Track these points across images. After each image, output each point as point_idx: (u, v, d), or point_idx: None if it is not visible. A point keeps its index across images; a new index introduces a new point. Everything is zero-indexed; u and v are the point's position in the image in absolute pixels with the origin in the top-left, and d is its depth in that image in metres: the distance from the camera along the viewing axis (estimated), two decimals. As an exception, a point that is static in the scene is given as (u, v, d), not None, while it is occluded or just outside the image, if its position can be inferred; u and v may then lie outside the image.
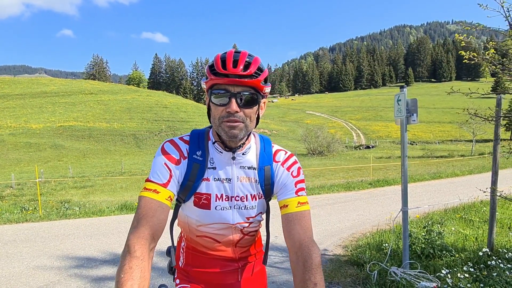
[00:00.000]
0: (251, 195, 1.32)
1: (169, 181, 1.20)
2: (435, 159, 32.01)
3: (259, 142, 1.37)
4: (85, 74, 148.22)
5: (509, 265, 3.59)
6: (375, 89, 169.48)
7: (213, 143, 1.29)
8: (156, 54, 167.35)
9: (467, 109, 4.35)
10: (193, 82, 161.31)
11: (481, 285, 3.26)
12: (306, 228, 1.22)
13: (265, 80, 1.22)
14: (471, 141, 41.16)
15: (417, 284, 3.63)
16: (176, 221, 1.42)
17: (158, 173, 1.21)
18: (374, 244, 5.21)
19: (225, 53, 1.20)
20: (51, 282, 4.15)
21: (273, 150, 1.37)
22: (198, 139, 1.31)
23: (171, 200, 1.22)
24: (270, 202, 1.42)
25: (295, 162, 1.36)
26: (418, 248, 4.63)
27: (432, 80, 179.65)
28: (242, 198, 1.31)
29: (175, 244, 1.46)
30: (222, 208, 1.30)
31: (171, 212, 1.34)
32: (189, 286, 1.39)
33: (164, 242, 1.65)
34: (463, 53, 4.17)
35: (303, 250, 1.15)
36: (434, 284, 3.62)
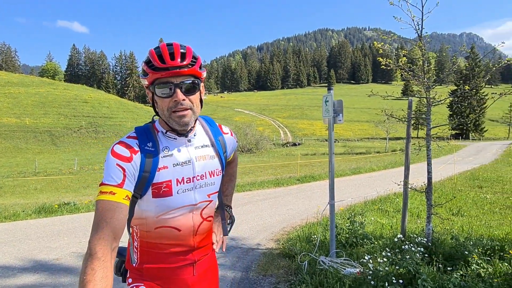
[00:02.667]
0: (209, 172, 1.44)
1: (123, 180, 1.23)
2: (355, 155, 34.51)
3: (203, 121, 1.53)
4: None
5: (418, 248, 4.08)
6: (300, 89, 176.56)
7: (165, 133, 1.37)
8: (74, 45, 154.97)
9: (385, 110, 4.83)
10: (117, 76, 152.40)
11: (397, 267, 3.66)
12: (235, 155, 1.78)
13: (200, 66, 1.35)
14: (385, 138, 45.09)
15: (343, 271, 3.95)
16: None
17: (112, 175, 1.23)
18: (304, 236, 5.52)
19: (158, 47, 1.28)
20: (-40, 297, 3.73)
21: (217, 124, 1.58)
22: (145, 133, 1.36)
23: (129, 199, 1.25)
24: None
25: (232, 131, 1.66)
26: (343, 238, 5.03)
27: (352, 82, 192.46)
28: (202, 176, 1.41)
29: (134, 242, 1.45)
30: (184, 191, 1.37)
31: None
32: (142, 284, 1.39)
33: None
34: (380, 59, 4.62)
35: (233, 161, 1.78)
36: (358, 270, 3.98)
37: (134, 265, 1.43)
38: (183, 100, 1.28)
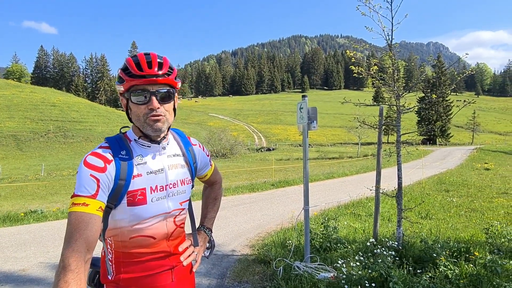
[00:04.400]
0: (181, 180, 1.48)
1: (97, 191, 1.22)
2: (328, 160, 35.06)
3: (174, 132, 1.58)
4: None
5: (390, 252, 4.20)
6: (275, 94, 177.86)
7: (137, 139, 1.39)
8: (42, 46, 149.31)
9: (357, 117, 4.96)
10: (87, 79, 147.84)
11: (369, 271, 3.75)
12: (218, 177, 1.85)
13: (176, 77, 1.39)
14: (357, 144, 46.12)
15: (317, 276, 4.00)
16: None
17: (85, 186, 1.21)
18: (279, 242, 5.55)
19: (136, 56, 1.32)
20: None
21: (186, 136, 1.63)
22: (117, 142, 1.37)
23: (102, 210, 1.24)
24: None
25: (201, 144, 1.69)
26: (317, 242, 5.09)
27: (325, 88, 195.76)
28: (175, 184, 1.44)
29: (108, 255, 1.42)
30: (158, 199, 1.38)
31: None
32: None
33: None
34: (353, 67, 4.74)
35: (217, 183, 1.86)
36: (332, 274, 4.04)
37: (110, 277, 1.40)
38: (158, 108, 1.31)
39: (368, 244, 4.65)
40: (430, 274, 3.93)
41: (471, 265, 4.14)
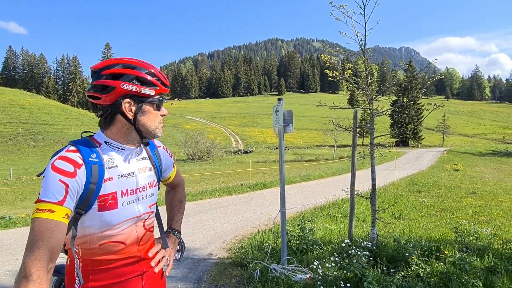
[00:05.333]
0: (149, 183, 1.48)
1: (65, 197, 1.18)
2: (305, 162, 35.43)
3: None
4: None
5: (364, 252, 4.28)
6: (252, 97, 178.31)
7: (110, 142, 1.38)
8: (10, 46, 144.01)
9: (332, 120, 5.04)
10: (58, 80, 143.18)
11: (344, 271, 3.81)
12: (181, 179, 1.88)
13: None
14: (333, 146, 46.79)
15: (294, 278, 4.03)
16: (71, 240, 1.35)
17: (52, 192, 1.17)
18: (256, 245, 5.56)
19: (153, 66, 1.41)
20: None
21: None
22: (86, 145, 1.33)
23: (68, 217, 1.20)
24: None
25: (164, 146, 1.70)
26: (293, 244, 5.13)
27: (301, 91, 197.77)
28: (144, 188, 1.44)
29: (75, 263, 1.36)
30: (128, 203, 1.37)
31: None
32: None
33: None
34: (327, 71, 4.83)
35: (180, 185, 1.87)
36: (308, 276, 4.08)
37: (77, 287, 1.34)
38: None
39: (343, 245, 4.73)
40: (403, 273, 4.04)
41: (442, 263, 4.28)
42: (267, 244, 5.30)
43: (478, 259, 4.64)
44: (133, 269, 1.41)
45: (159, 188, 1.60)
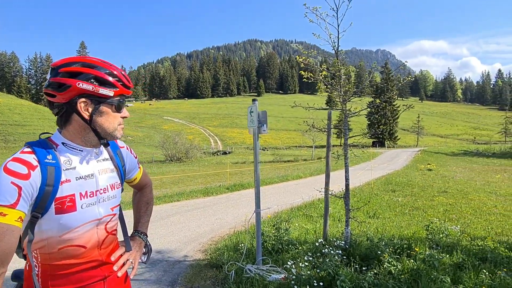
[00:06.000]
0: (111, 185, 1.45)
1: (18, 200, 1.15)
2: (283, 163, 35.66)
3: None
4: None
5: (337, 251, 4.34)
6: (231, 98, 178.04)
7: (68, 143, 1.34)
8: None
9: (306, 121, 5.09)
10: (31, 80, 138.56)
11: (318, 270, 3.85)
12: (148, 179, 1.84)
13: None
14: (312, 146, 47.32)
15: (268, 278, 4.04)
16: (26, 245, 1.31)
17: (4, 195, 1.14)
18: (232, 245, 5.55)
19: (115, 66, 1.38)
20: None
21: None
22: (42, 146, 1.29)
23: (22, 221, 1.17)
24: None
25: (128, 146, 1.67)
26: (269, 245, 5.15)
27: (280, 92, 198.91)
28: (105, 189, 1.41)
29: (34, 269, 1.32)
30: (88, 205, 1.33)
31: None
32: None
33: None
34: (302, 72, 4.88)
35: (147, 187, 1.85)
36: (282, 275, 4.10)
37: None
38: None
39: (317, 244, 4.78)
40: (375, 271, 4.11)
41: (412, 261, 4.39)
42: (242, 245, 5.29)
43: (447, 255, 4.79)
44: (95, 274, 1.38)
45: (122, 190, 1.57)
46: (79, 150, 1.35)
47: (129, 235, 1.68)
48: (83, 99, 1.29)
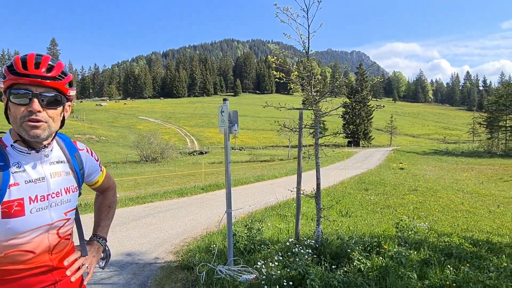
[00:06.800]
0: (65, 188, 1.39)
1: None
2: (260, 163, 35.73)
3: (58, 138, 1.46)
4: None
5: (307, 250, 4.38)
6: (207, 97, 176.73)
7: (14, 144, 1.27)
8: None
9: (278, 121, 5.11)
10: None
11: (288, 270, 3.87)
12: (111, 182, 1.78)
13: (70, 84, 1.31)
14: (288, 146, 47.66)
15: (239, 278, 4.03)
16: None
17: None
18: (204, 246, 5.49)
19: (26, 55, 1.23)
20: None
21: (72, 140, 1.52)
22: None
23: None
24: None
25: (89, 148, 1.61)
26: (241, 245, 5.13)
27: (257, 92, 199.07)
28: (58, 193, 1.34)
29: None
30: (38, 210, 1.27)
31: None
32: None
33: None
34: (275, 72, 4.89)
35: (110, 190, 1.78)
36: (253, 276, 4.09)
37: None
38: (39, 111, 1.21)
39: (288, 243, 4.80)
40: (345, 269, 4.17)
41: (381, 258, 4.48)
42: (214, 245, 5.25)
43: (415, 252, 4.92)
44: (44, 279, 1.33)
45: (80, 194, 1.52)
46: (26, 153, 1.28)
47: (88, 239, 1.63)
48: (4, 96, 1.25)
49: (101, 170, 1.67)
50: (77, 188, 1.47)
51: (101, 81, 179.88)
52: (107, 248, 1.69)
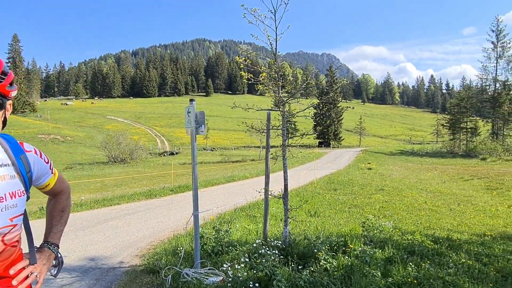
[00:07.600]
0: (10, 193, 1.30)
1: None
2: (231, 163, 35.64)
3: (1, 139, 1.38)
4: None
5: (274, 251, 4.39)
6: (178, 97, 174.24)
7: None
8: None
9: (245, 122, 5.10)
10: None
11: (255, 271, 3.86)
12: (64, 185, 1.68)
13: (11, 84, 1.24)
14: (259, 147, 47.82)
15: (206, 281, 3.98)
16: None
17: None
18: (171, 249, 5.40)
19: None
20: None
21: (18, 141, 1.43)
22: None
23: None
24: None
25: (38, 149, 1.51)
26: (209, 247, 5.07)
27: (229, 92, 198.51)
28: (2, 198, 1.26)
29: None
30: None
31: None
32: None
33: None
34: (243, 73, 4.87)
35: (63, 193, 1.68)
36: (220, 278, 4.05)
37: None
38: None
39: (255, 245, 4.79)
40: (311, 269, 4.21)
41: (347, 257, 4.56)
42: (181, 248, 5.16)
43: (380, 250, 5.04)
44: None
45: (28, 198, 1.43)
46: None
47: (38, 246, 1.55)
48: None
49: (52, 173, 1.58)
50: (24, 192, 1.38)
51: (67, 79, 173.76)
52: (59, 255, 1.61)
